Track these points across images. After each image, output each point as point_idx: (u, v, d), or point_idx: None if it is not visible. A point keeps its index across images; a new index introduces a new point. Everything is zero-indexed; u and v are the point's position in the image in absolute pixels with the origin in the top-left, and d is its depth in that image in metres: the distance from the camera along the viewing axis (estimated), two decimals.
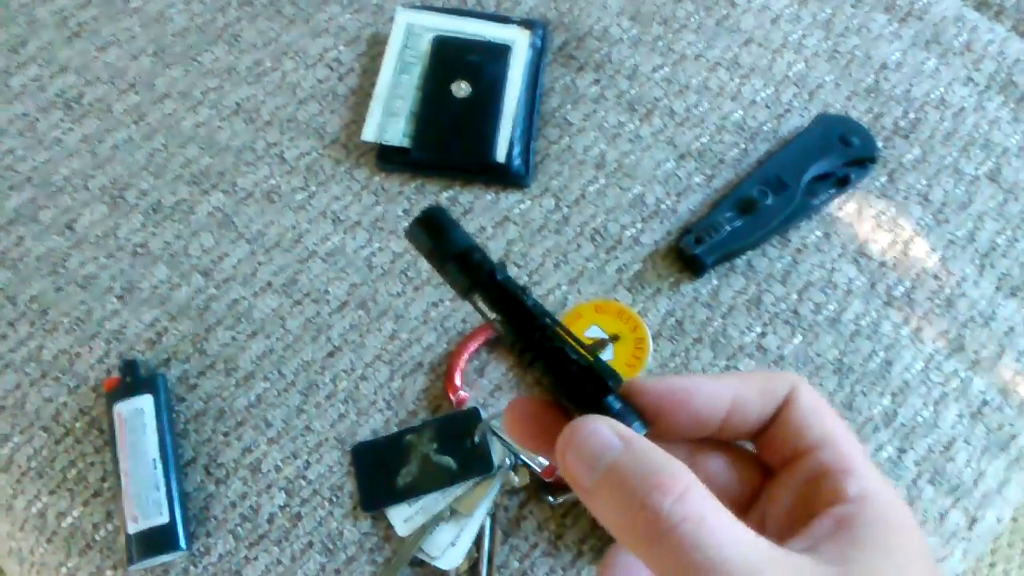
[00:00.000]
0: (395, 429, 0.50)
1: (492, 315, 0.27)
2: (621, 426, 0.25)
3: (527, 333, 0.27)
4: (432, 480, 0.48)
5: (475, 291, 0.27)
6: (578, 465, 0.25)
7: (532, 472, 0.48)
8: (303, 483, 0.49)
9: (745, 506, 0.30)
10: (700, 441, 0.29)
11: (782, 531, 0.27)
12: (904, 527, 0.26)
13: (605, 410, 0.26)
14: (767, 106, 0.60)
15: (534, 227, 0.56)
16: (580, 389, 0.27)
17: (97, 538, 0.48)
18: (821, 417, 0.28)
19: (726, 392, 0.28)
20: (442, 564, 0.46)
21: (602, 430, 0.25)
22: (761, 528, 0.27)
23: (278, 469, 0.49)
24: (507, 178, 0.57)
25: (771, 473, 0.29)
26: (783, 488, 0.28)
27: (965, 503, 0.50)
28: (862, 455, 0.28)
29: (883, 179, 0.57)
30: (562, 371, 0.27)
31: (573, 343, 0.27)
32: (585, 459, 0.25)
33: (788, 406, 0.28)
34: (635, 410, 0.27)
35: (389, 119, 0.58)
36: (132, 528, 0.46)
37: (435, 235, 0.28)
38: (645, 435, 0.26)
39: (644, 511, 0.23)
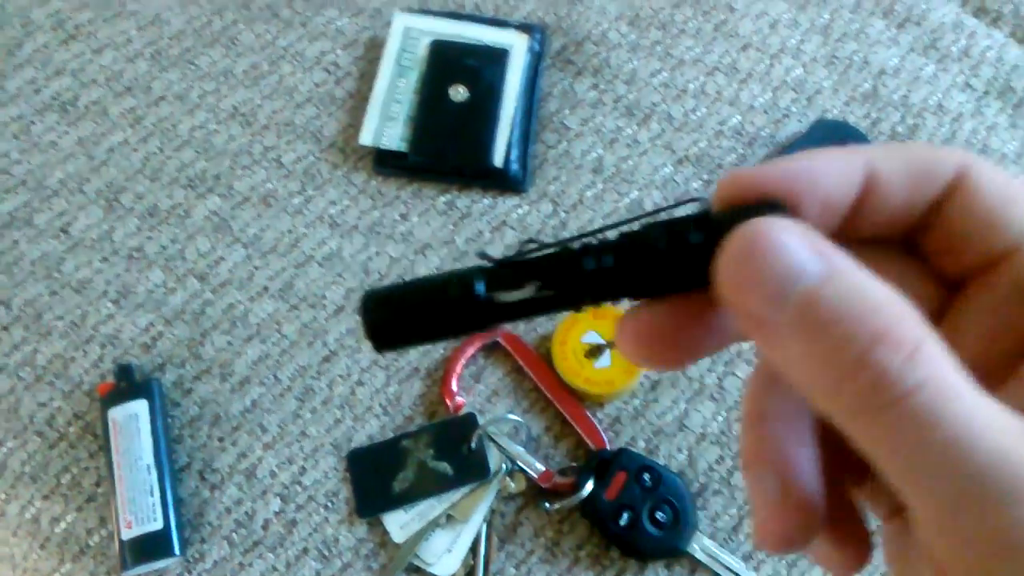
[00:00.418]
0: (391, 435, 0.50)
1: (528, 298, 0.20)
2: (822, 241, 0.18)
3: (580, 281, 0.20)
4: (428, 486, 0.48)
5: (493, 315, 0.21)
6: (754, 292, 0.18)
7: (529, 478, 0.48)
8: (298, 489, 0.49)
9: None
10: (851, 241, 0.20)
11: (986, 375, 0.18)
12: None
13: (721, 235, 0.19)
14: (765, 111, 0.60)
15: (531, 232, 0.56)
16: (684, 253, 0.19)
17: (91, 544, 0.48)
18: (1017, 205, 0.20)
19: (855, 167, 0.20)
20: (438, 571, 0.46)
21: (790, 239, 0.17)
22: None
23: (273, 475, 0.49)
24: (504, 183, 0.57)
25: (954, 289, 0.21)
26: (976, 311, 0.20)
27: None
28: None
29: None
30: (653, 267, 0.20)
31: (622, 232, 0.20)
32: (767, 282, 0.17)
33: (962, 192, 0.20)
34: (763, 206, 0.19)
35: (386, 123, 0.58)
36: (126, 534, 0.46)
37: (403, 322, 0.21)
38: None
39: (863, 371, 0.16)
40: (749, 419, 0.21)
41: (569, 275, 0.20)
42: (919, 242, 0.21)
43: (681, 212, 0.21)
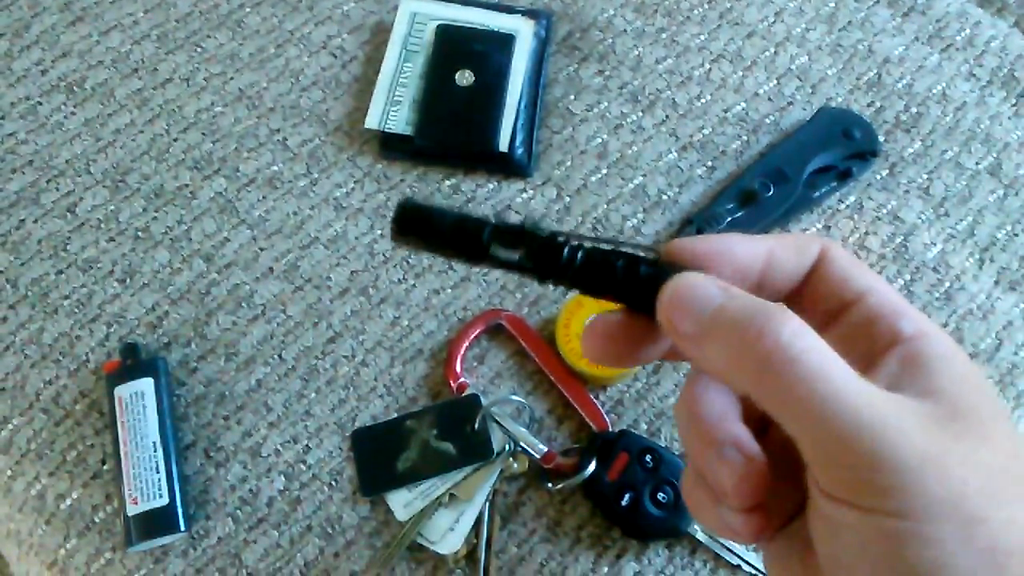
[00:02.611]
0: (395, 415, 0.50)
1: (513, 260, 0.28)
2: (718, 279, 0.26)
3: (553, 265, 0.28)
4: (432, 466, 0.48)
5: (486, 259, 0.28)
6: (683, 316, 0.26)
7: (531, 459, 0.48)
8: (303, 467, 0.49)
9: None
10: None
11: None
12: (965, 360, 0.26)
13: (663, 277, 0.27)
14: (769, 99, 0.60)
15: (536, 215, 0.56)
16: (632, 280, 0.27)
17: (96, 520, 0.48)
18: (860, 269, 0.28)
19: (761, 249, 0.28)
20: (441, 549, 0.46)
21: (702, 282, 0.26)
22: None
23: (278, 453, 0.49)
24: (509, 167, 0.57)
25: (821, 331, 0.28)
26: (835, 343, 0.26)
27: None
28: (907, 302, 0.28)
29: (884, 173, 0.58)
30: (607, 278, 0.28)
31: (598, 247, 0.28)
32: (690, 309, 0.26)
33: (824, 263, 0.29)
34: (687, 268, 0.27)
35: (392, 107, 0.58)
36: (131, 510, 0.46)
37: (423, 232, 0.28)
38: None
39: (762, 341, 0.24)
40: (694, 413, 0.27)
41: (546, 258, 0.28)
42: (792, 301, 0.29)
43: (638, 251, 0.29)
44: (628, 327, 0.29)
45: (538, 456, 0.48)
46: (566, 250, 0.28)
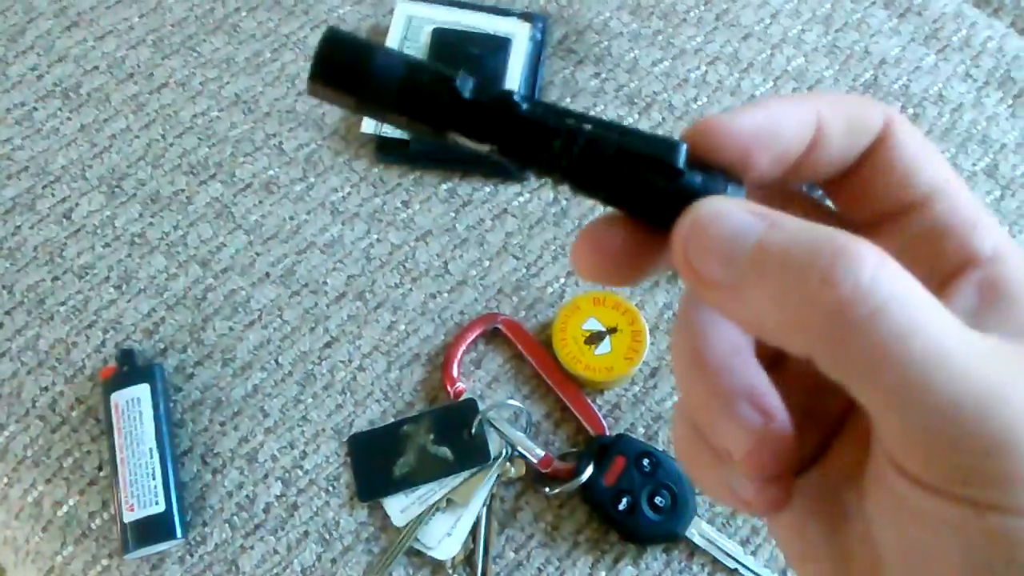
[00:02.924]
0: (392, 420, 0.50)
1: (483, 146, 0.20)
2: (754, 204, 0.19)
3: (540, 151, 0.20)
4: (429, 471, 0.48)
5: (448, 129, 0.20)
6: (710, 259, 0.19)
7: (529, 463, 0.48)
8: (300, 473, 0.49)
9: None
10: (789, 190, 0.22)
11: None
12: None
13: (687, 192, 0.20)
14: None
15: (532, 219, 0.56)
16: (645, 190, 0.20)
17: (93, 527, 0.48)
18: (931, 160, 0.22)
19: (809, 121, 0.21)
20: (438, 554, 0.46)
21: (733, 211, 0.19)
22: None
23: (275, 459, 0.49)
24: (506, 171, 0.57)
25: (868, 234, 0.22)
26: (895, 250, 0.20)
27: None
28: (985, 209, 0.22)
29: None
30: (611, 179, 0.20)
31: (602, 133, 0.20)
32: (718, 248, 0.19)
33: (883, 145, 0.22)
34: (720, 173, 0.20)
35: None
36: (128, 517, 0.46)
37: (353, 82, 0.19)
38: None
39: (828, 290, 0.17)
40: (695, 350, 0.21)
41: (529, 156, 0.20)
42: (832, 190, 0.22)
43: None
44: (634, 240, 0.22)
45: (535, 460, 0.48)
46: (560, 142, 0.20)
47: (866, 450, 0.20)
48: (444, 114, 0.19)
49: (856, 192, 0.22)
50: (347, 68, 0.19)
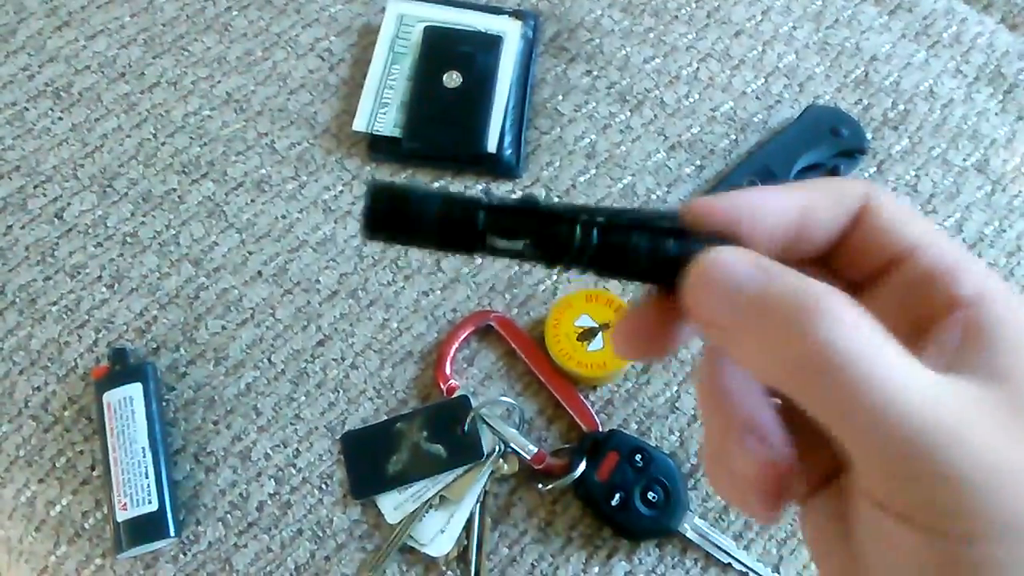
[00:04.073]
0: (385, 418, 0.50)
1: (516, 247, 0.23)
2: (755, 255, 0.22)
3: (565, 250, 0.23)
4: (422, 468, 0.48)
5: (483, 249, 0.23)
6: (714, 302, 0.22)
7: (522, 460, 0.48)
8: (293, 471, 0.49)
9: None
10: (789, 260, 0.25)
11: None
12: None
13: (696, 252, 0.22)
14: (757, 97, 0.60)
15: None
16: (658, 258, 0.23)
17: (86, 526, 0.48)
18: (911, 219, 0.24)
19: (794, 205, 0.24)
20: (432, 551, 0.46)
21: (736, 260, 0.22)
22: None
23: (268, 457, 0.49)
24: (498, 168, 0.57)
25: (860, 292, 0.25)
26: (878, 308, 0.23)
27: None
28: (968, 254, 0.24)
29: (872, 170, 0.58)
30: (628, 258, 0.23)
31: (613, 219, 0.23)
32: (722, 294, 0.22)
33: (868, 212, 0.24)
34: (718, 239, 0.23)
35: (380, 109, 0.58)
36: (121, 516, 0.46)
37: (402, 226, 0.22)
38: None
39: (804, 341, 0.20)
40: (715, 388, 0.24)
41: (556, 243, 0.23)
42: (831, 260, 0.25)
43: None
44: (661, 312, 0.24)
45: (528, 457, 0.48)
46: (578, 231, 0.23)
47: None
48: (481, 232, 0.22)
49: (851, 255, 0.25)
50: (392, 221, 0.22)
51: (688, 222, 0.24)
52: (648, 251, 0.23)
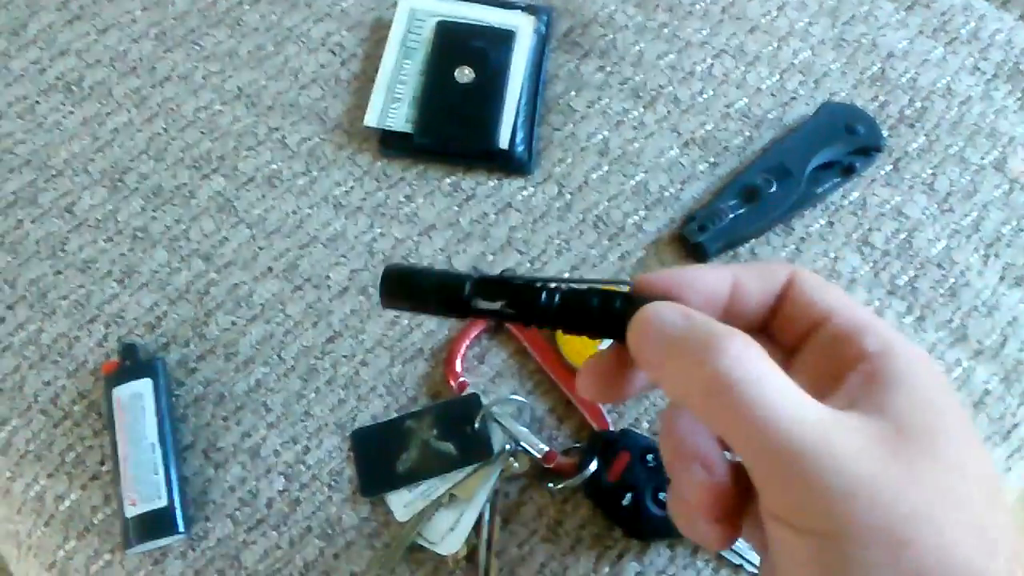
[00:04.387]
0: (395, 415, 0.50)
1: (495, 310, 0.30)
2: (682, 306, 0.28)
3: (533, 310, 0.30)
4: (432, 466, 0.48)
5: (470, 312, 0.30)
6: (646, 343, 0.27)
7: (532, 459, 0.48)
8: (302, 468, 0.49)
9: None
10: None
11: (818, 397, 0.27)
12: (932, 378, 0.26)
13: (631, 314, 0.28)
14: (772, 94, 0.59)
15: (537, 214, 0.55)
16: (607, 315, 0.29)
17: (95, 521, 0.48)
18: (826, 291, 0.29)
19: (725, 278, 0.29)
20: (441, 549, 0.46)
21: (665, 310, 0.27)
22: None
23: (277, 454, 0.49)
24: (510, 165, 0.56)
25: (793, 354, 0.30)
26: (805, 364, 0.28)
27: None
28: (876, 317, 0.28)
29: (888, 168, 0.57)
30: (584, 316, 0.29)
31: (573, 287, 0.30)
32: (652, 336, 0.27)
33: (792, 288, 0.29)
34: (663, 301, 0.29)
35: (392, 105, 0.57)
36: (130, 511, 0.46)
37: (408, 295, 0.31)
38: None
39: (702, 371, 0.25)
40: (668, 429, 0.30)
41: (527, 305, 0.30)
42: (769, 329, 0.30)
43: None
44: (619, 362, 0.30)
45: (539, 456, 0.47)
46: (543, 295, 0.30)
47: None
48: (467, 299, 0.30)
49: (782, 323, 0.30)
50: (400, 296, 0.31)
51: (636, 291, 0.30)
52: (600, 310, 0.29)
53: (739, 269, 0.30)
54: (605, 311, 0.29)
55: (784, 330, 0.30)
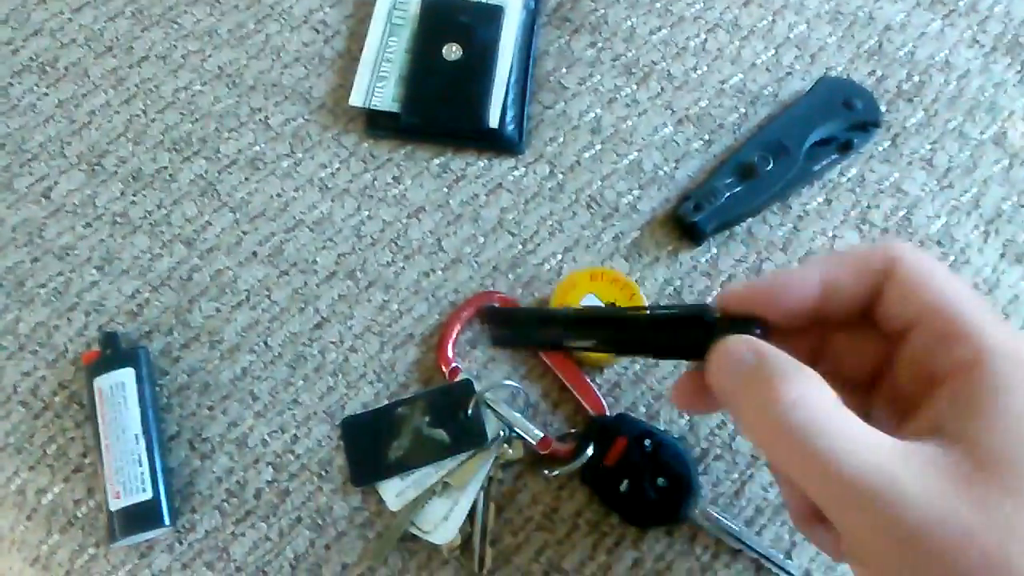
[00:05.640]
0: (386, 402, 0.49)
1: (588, 344, 0.36)
2: (756, 341, 0.28)
3: (624, 338, 0.34)
4: (424, 454, 0.47)
5: (565, 342, 0.37)
6: (721, 380, 0.29)
7: (527, 445, 0.47)
8: (291, 457, 0.48)
9: (879, 379, 0.30)
10: (829, 322, 0.30)
11: (907, 407, 0.27)
12: None
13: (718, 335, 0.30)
14: (768, 69, 0.58)
15: (528, 194, 0.54)
16: (695, 342, 0.31)
17: (79, 515, 0.46)
18: (924, 285, 0.28)
19: (812, 280, 0.29)
20: (435, 539, 0.45)
21: (737, 348, 0.28)
22: (891, 403, 0.29)
23: (265, 443, 0.48)
24: (500, 144, 0.55)
25: (899, 342, 0.29)
26: (903, 362, 0.28)
27: None
28: (979, 313, 0.26)
29: (886, 144, 0.56)
30: (669, 341, 0.33)
31: (656, 313, 0.34)
32: (727, 372, 0.28)
33: (892, 275, 0.28)
34: (748, 320, 0.30)
35: (378, 83, 0.56)
36: (114, 504, 0.45)
37: (513, 341, 0.42)
38: (769, 334, 0.30)
39: (766, 415, 0.26)
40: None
41: (623, 339, 0.35)
42: (874, 313, 0.30)
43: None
44: (703, 379, 0.31)
45: (534, 442, 0.46)
46: (636, 327, 0.33)
47: None
48: (561, 334, 0.37)
49: (883, 317, 0.29)
50: (503, 336, 0.41)
51: (724, 308, 0.31)
52: (687, 337, 0.32)
53: (830, 264, 0.29)
54: (692, 338, 0.31)
55: (887, 318, 0.29)
